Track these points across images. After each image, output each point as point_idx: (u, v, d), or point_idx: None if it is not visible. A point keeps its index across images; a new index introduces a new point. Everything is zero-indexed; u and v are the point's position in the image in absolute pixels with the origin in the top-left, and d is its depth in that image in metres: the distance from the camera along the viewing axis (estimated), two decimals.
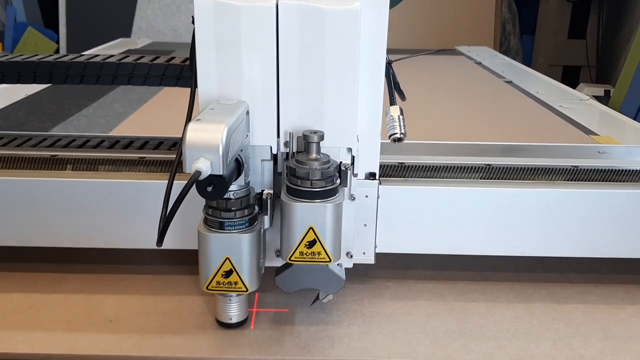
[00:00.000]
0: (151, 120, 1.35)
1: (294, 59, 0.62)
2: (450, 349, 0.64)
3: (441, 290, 0.75)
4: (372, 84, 0.66)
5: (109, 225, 0.73)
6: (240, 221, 0.61)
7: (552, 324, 0.69)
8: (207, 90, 0.64)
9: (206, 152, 0.53)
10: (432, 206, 0.73)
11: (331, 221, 0.61)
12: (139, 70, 0.78)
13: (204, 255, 0.62)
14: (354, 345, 0.64)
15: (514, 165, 0.77)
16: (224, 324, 0.66)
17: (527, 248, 0.75)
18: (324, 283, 0.66)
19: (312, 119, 0.64)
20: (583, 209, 0.73)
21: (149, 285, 0.75)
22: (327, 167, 0.60)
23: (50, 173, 0.75)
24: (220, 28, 0.61)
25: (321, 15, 0.61)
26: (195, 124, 0.55)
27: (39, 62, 0.78)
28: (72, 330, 0.66)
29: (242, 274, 0.62)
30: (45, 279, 0.76)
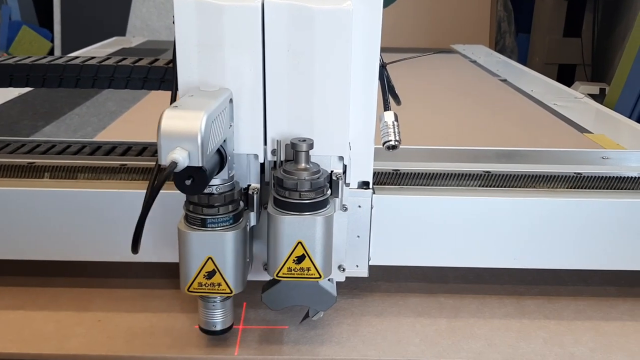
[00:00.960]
0: (144, 119, 1.35)
1: (281, 62, 0.58)
2: (440, 347, 0.64)
3: (432, 288, 0.75)
4: (365, 88, 0.62)
5: (87, 237, 0.70)
6: (224, 218, 0.57)
7: (543, 322, 0.69)
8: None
9: (183, 141, 0.48)
10: (429, 216, 0.70)
11: (321, 235, 0.57)
12: (120, 72, 0.75)
13: (184, 255, 0.58)
14: (343, 344, 0.64)
15: (513, 173, 0.74)
16: (208, 331, 0.62)
17: (528, 260, 0.71)
18: (314, 300, 0.63)
19: (301, 126, 0.61)
20: (586, 218, 0.70)
21: (138, 285, 0.74)
22: (317, 178, 0.57)
23: (26, 182, 0.72)
24: (203, 29, 0.57)
25: (310, 15, 0.57)
26: (171, 111, 0.50)
27: (15, 65, 0.76)
28: (62, 330, 0.65)
29: (226, 275, 0.58)
30: (35, 278, 0.75)
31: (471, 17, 3.12)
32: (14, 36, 3.20)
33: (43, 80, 0.77)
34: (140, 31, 3.02)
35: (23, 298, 0.71)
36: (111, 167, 0.74)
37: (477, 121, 1.36)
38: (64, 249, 0.71)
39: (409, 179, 0.73)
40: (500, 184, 0.74)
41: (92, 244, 0.70)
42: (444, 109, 1.46)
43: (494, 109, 1.50)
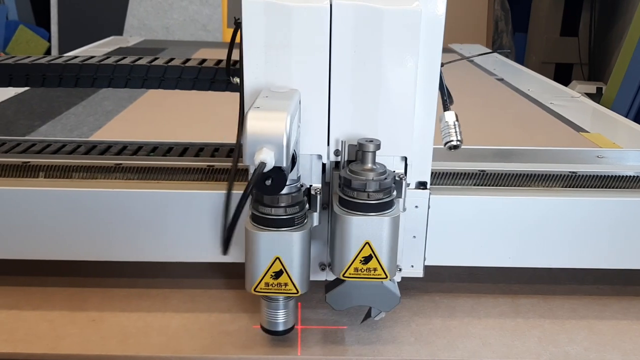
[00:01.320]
0: (140, 119, 1.35)
1: (347, 62, 0.59)
2: (435, 346, 0.64)
3: (427, 287, 0.75)
4: (426, 88, 0.61)
5: (82, 236, 0.70)
6: (292, 218, 0.57)
7: (537, 321, 0.69)
8: (254, 98, 0.59)
9: (269, 142, 0.50)
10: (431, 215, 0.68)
11: (388, 235, 0.57)
12: (170, 73, 0.75)
13: (252, 255, 0.57)
14: (338, 343, 0.64)
15: (508, 172, 0.74)
16: (271, 331, 0.62)
17: (523, 259, 0.71)
18: (378, 300, 0.62)
19: (365, 126, 0.61)
20: (581, 217, 0.69)
21: (132, 284, 0.74)
22: (384, 178, 0.57)
23: (21, 181, 0.71)
24: (270, 30, 0.58)
25: (379, 15, 0.57)
26: (255, 112, 0.51)
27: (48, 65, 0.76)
28: (55, 330, 0.65)
29: (293, 275, 0.58)
30: (29, 278, 0.75)
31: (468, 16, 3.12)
32: (11, 36, 3.19)
33: (59, 79, 0.76)
34: (137, 30, 3.02)
35: (16, 297, 0.71)
36: (106, 166, 0.74)
37: (473, 120, 1.36)
38: (58, 248, 0.71)
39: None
40: (495, 182, 0.73)
41: (87, 244, 0.70)
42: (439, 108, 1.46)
43: (490, 108, 1.50)
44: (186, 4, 3.00)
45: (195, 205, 0.68)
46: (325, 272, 0.67)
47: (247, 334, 0.65)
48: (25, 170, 0.73)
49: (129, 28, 3.02)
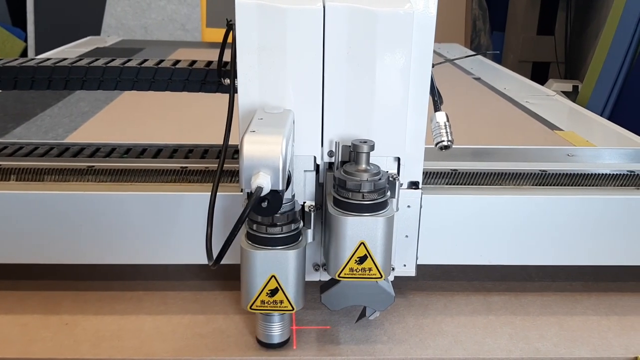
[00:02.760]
0: (116, 120, 1.34)
1: (340, 63, 0.59)
2: (407, 345, 0.65)
3: (400, 286, 0.76)
4: (417, 90, 0.62)
5: (54, 240, 0.69)
6: (287, 236, 0.57)
7: (509, 318, 0.70)
8: (248, 97, 0.61)
9: (265, 166, 0.50)
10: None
11: (383, 235, 0.57)
12: (160, 75, 0.74)
13: (247, 273, 0.58)
14: (312, 343, 0.64)
15: (480, 170, 0.75)
16: (266, 344, 0.63)
17: (494, 257, 0.72)
18: (372, 300, 0.63)
19: (358, 127, 0.61)
20: (551, 215, 0.71)
21: (105, 288, 0.74)
22: (378, 179, 0.57)
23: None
24: (263, 32, 0.58)
25: (372, 17, 0.58)
26: (250, 136, 0.51)
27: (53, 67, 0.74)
28: (28, 334, 0.65)
29: (288, 292, 0.58)
30: (0, 282, 0.74)
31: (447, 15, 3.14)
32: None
33: (31, 81, 0.75)
34: (115, 30, 2.99)
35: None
36: (78, 169, 0.73)
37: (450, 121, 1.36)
38: (31, 252, 0.70)
39: None
40: (467, 181, 0.74)
41: (59, 247, 0.70)
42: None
43: (466, 107, 1.52)
44: (164, 4, 2.98)
45: (169, 208, 0.68)
46: (319, 272, 0.67)
47: (221, 336, 0.65)
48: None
49: (107, 28, 2.99)
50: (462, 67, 2.01)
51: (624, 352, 0.65)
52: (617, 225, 0.71)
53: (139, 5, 2.98)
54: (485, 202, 0.70)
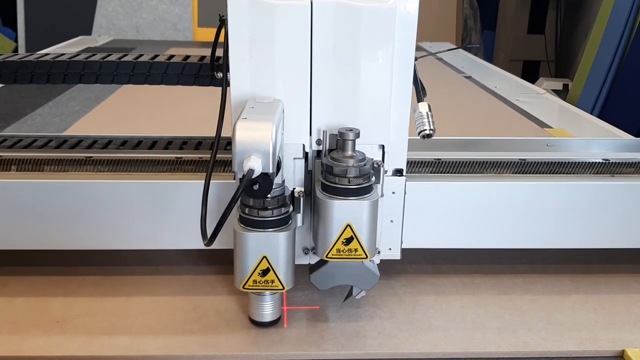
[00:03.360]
0: (108, 119, 1.34)
1: (327, 56, 0.62)
2: (397, 339, 0.65)
3: (391, 282, 0.76)
4: (401, 81, 0.65)
5: (55, 226, 0.71)
6: (277, 219, 0.60)
7: (497, 312, 0.71)
8: (240, 89, 0.63)
9: (256, 150, 0.54)
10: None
11: (368, 218, 0.61)
12: (155, 69, 0.77)
13: (240, 254, 0.61)
14: (302, 339, 0.65)
15: (462, 160, 0.77)
16: (258, 322, 0.66)
17: (475, 241, 0.75)
18: (358, 279, 0.66)
19: (345, 117, 0.64)
20: (529, 200, 0.73)
21: (96, 287, 0.74)
22: (364, 165, 0.61)
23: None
24: (254, 26, 0.61)
25: (356, 12, 0.61)
26: (243, 122, 0.55)
27: (86, 62, 0.77)
28: (18, 332, 0.65)
29: (279, 272, 0.61)
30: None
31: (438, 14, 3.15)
32: None
33: (31, 76, 0.77)
34: (106, 30, 2.98)
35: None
36: (77, 159, 0.75)
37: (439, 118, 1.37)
38: (31, 237, 0.72)
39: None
40: (450, 170, 0.77)
41: (59, 232, 0.72)
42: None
43: (457, 105, 1.52)
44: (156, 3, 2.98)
45: (164, 195, 0.70)
46: (308, 256, 0.70)
47: (212, 332, 0.65)
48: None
49: (98, 28, 2.98)
50: (453, 66, 2.02)
51: (611, 345, 0.65)
52: (592, 210, 0.74)
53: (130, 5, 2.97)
54: (466, 188, 0.73)
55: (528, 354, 0.64)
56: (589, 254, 0.83)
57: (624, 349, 0.65)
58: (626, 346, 0.65)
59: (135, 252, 0.79)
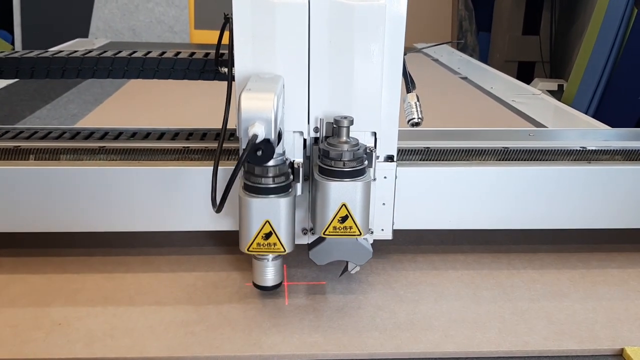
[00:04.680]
0: (106, 122, 1.34)
1: (324, 50, 0.67)
2: (399, 339, 0.66)
3: (391, 282, 0.77)
4: (391, 73, 0.70)
5: (69, 209, 0.76)
6: (279, 186, 0.65)
7: (498, 312, 0.71)
8: (244, 82, 0.66)
9: (260, 117, 0.59)
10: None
11: (361, 198, 0.66)
12: (164, 65, 0.81)
13: (245, 219, 0.66)
14: (305, 339, 0.65)
15: (449, 148, 0.83)
16: (261, 287, 0.71)
17: (462, 222, 0.80)
18: (353, 255, 0.72)
19: (340, 106, 0.69)
20: (512, 185, 0.79)
21: (98, 288, 0.74)
22: (357, 149, 0.66)
23: (13, 163, 0.77)
24: (257, 23, 0.66)
25: (350, 10, 0.66)
26: (247, 93, 0.60)
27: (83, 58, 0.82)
28: (19, 335, 0.65)
29: (281, 236, 0.66)
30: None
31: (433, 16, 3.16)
32: None
33: (47, 71, 0.82)
34: (103, 33, 2.98)
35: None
36: (91, 149, 0.80)
37: (435, 118, 1.38)
38: (50, 220, 0.76)
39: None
40: (438, 157, 0.82)
41: (73, 216, 0.76)
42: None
43: (453, 105, 1.53)
44: (152, 6, 2.98)
45: (174, 180, 0.75)
46: (307, 236, 0.75)
47: (214, 334, 0.66)
48: (16, 154, 0.78)
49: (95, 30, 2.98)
50: (449, 67, 2.02)
51: (610, 343, 0.66)
52: (571, 194, 0.80)
53: (127, 8, 2.97)
54: (453, 173, 0.78)
55: (528, 353, 0.65)
56: (588, 254, 0.84)
57: (623, 348, 0.65)
58: (625, 344, 0.65)
59: (137, 254, 0.80)
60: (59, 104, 1.48)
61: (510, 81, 1.81)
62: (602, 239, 0.88)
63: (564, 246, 0.87)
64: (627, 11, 2.18)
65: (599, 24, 2.29)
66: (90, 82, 1.68)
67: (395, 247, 0.85)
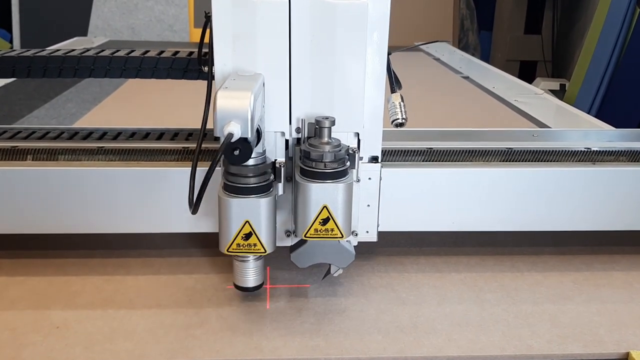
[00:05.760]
0: (105, 121, 1.33)
1: (305, 50, 0.66)
2: (402, 343, 0.65)
3: (394, 285, 0.76)
4: (375, 73, 0.69)
5: (68, 210, 0.75)
6: (259, 186, 0.64)
7: (502, 315, 0.70)
8: (224, 81, 0.65)
9: (235, 116, 0.57)
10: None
11: (343, 200, 0.65)
12: (146, 63, 0.80)
13: (225, 219, 0.64)
14: (306, 343, 0.64)
15: (452, 149, 0.81)
16: (242, 288, 0.69)
17: (465, 224, 0.79)
18: (336, 257, 0.71)
19: (322, 106, 0.68)
20: (515, 186, 0.78)
21: (98, 291, 0.73)
22: (339, 150, 0.65)
23: (11, 163, 0.76)
24: (237, 21, 0.65)
25: (331, 9, 0.65)
26: (223, 91, 0.58)
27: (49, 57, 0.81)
28: (18, 339, 0.64)
29: (261, 236, 0.65)
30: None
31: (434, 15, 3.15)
32: None
33: (44, 70, 0.81)
34: (102, 31, 2.96)
35: None
36: (90, 149, 0.78)
37: (437, 117, 1.37)
38: (48, 221, 0.75)
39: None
40: (441, 158, 0.81)
41: (72, 217, 0.75)
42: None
43: (454, 105, 1.52)
44: (152, 4, 2.96)
45: (173, 181, 0.75)
46: (290, 238, 0.74)
47: (215, 337, 0.65)
48: (13, 154, 0.77)
49: (94, 29, 2.97)
50: (450, 66, 2.02)
51: (615, 347, 0.65)
52: (575, 195, 0.79)
53: (126, 6, 2.96)
54: (456, 175, 0.77)
55: (533, 357, 0.64)
56: (592, 256, 0.83)
57: (628, 352, 0.64)
58: (631, 348, 0.65)
59: (137, 256, 0.79)
60: (57, 103, 1.47)
61: (512, 81, 1.80)
62: (605, 241, 0.87)
63: (567, 248, 0.86)
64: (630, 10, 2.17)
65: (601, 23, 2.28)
66: (88, 81, 1.67)
67: (397, 249, 0.84)
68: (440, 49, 2.31)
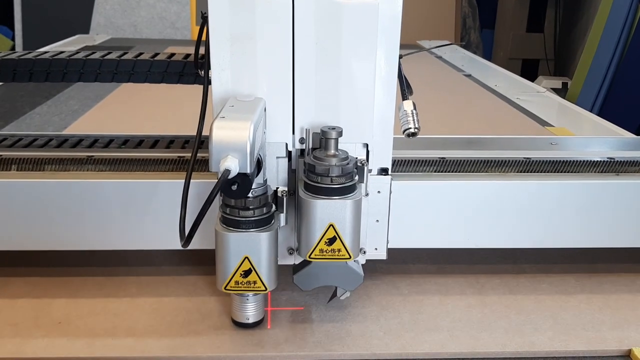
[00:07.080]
0: (107, 117, 1.33)
1: (310, 53, 0.61)
2: (403, 340, 0.65)
3: (396, 282, 0.76)
4: (385, 79, 0.64)
5: (56, 226, 0.70)
6: (259, 219, 0.59)
7: (503, 312, 0.70)
8: (221, 87, 0.62)
9: (233, 150, 0.52)
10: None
11: (351, 218, 0.60)
12: (139, 67, 0.76)
13: (222, 255, 0.60)
14: (308, 339, 0.64)
15: (467, 158, 0.76)
16: (241, 324, 0.65)
17: (480, 241, 0.74)
18: (342, 280, 0.65)
19: (328, 115, 0.63)
20: (535, 200, 0.73)
21: (99, 287, 0.73)
22: (347, 163, 0.59)
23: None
24: (235, 22, 0.60)
25: (339, 9, 0.60)
26: (220, 121, 0.53)
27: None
28: (19, 334, 0.64)
29: (261, 273, 0.60)
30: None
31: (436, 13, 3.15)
32: None
33: (30, 74, 0.77)
34: (104, 29, 2.96)
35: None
36: (78, 158, 0.74)
37: (439, 115, 1.37)
38: (33, 238, 0.71)
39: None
40: (454, 169, 0.76)
41: (61, 233, 0.71)
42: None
43: (457, 103, 1.52)
44: (154, 2, 2.96)
45: (168, 194, 0.69)
46: (293, 256, 0.68)
47: (216, 333, 0.65)
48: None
49: (96, 26, 2.97)
50: (452, 65, 2.01)
51: (617, 345, 0.65)
52: (598, 209, 0.73)
53: (128, 4, 2.96)
54: (470, 188, 0.72)
55: (535, 354, 0.64)
56: (594, 253, 0.83)
57: (630, 348, 0.64)
58: (633, 345, 0.65)
59: (139, 252, 0.79)
60: (59, 99, 1.47)
61: (515, 79, 1.80)
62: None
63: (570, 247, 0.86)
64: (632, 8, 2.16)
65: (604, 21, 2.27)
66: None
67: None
68: (442, 47, 2.31)
